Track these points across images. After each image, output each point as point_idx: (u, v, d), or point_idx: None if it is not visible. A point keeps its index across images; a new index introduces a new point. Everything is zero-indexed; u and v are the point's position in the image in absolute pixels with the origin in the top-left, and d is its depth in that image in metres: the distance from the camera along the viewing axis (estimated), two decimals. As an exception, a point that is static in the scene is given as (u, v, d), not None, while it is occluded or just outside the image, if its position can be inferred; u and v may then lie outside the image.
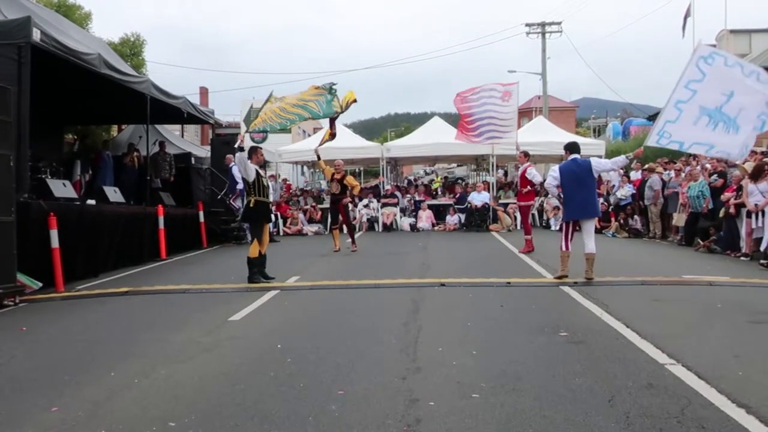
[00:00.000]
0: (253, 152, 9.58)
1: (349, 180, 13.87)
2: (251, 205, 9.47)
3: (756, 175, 11.21)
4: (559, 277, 8.87)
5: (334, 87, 10.68)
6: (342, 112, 10.99)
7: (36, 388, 4.67)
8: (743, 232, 11.74)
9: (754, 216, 11.20)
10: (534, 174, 13.00)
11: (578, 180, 8.98)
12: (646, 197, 15.82)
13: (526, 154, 13.41)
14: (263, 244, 9.56)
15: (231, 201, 16.12)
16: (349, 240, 13.70)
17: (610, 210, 17.62)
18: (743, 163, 12.25)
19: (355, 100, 11.10)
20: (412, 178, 40.75)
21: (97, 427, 3.83)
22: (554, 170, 9.31)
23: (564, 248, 9.01)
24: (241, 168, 9.45)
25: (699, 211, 13.34)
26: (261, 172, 9.62)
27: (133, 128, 18.17)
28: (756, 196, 11.15)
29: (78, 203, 11.22)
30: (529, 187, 13.14)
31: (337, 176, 13.46)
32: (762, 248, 10.80)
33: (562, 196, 9.32)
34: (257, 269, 9.38)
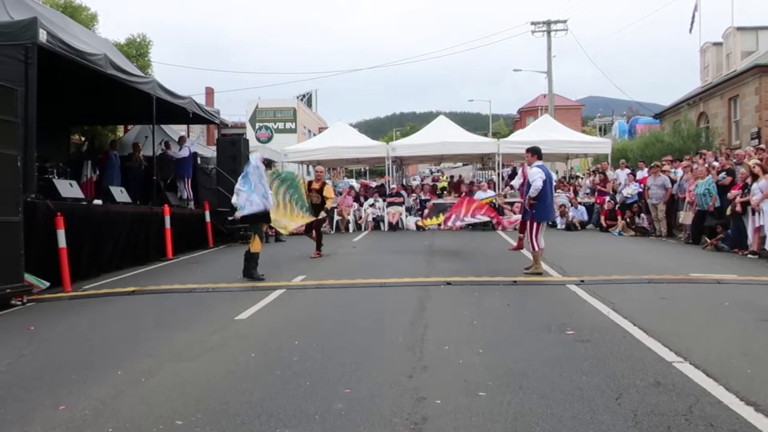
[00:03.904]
0: (269, 165, 9.81)
1: (327, 191, 12.49)
2: None
3: None
4: (539, 273, 9.24)
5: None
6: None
7: (43, 386, 4.69)
8: (750, 230, 11.69)
9: (757, 214, 11.18)
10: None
11: (551, 184, 9.62)
12: (656, 196, 15.69)
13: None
14: (255, 243, 9.71)
15: (185, 188, 16.18)
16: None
17: (616, 208, 17.57)
18: (748, 160, 12.20)
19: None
20: (418, 177, 40.71)
21: (104, 425, 3.84)
22: (540, 172, 9.43)
23: (539, 247, 9.43)
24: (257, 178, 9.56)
25: (706, 209, 13.29)
26: None
27: (139, 128, 18.23)
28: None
29: (85, 203, 11.26)
30: (512, 184, 13.03)
31: (316, 185, 12.38)
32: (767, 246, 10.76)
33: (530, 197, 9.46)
34: (254, 264, 9.47)
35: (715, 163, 14.31)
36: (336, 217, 19.40)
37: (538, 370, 4.69)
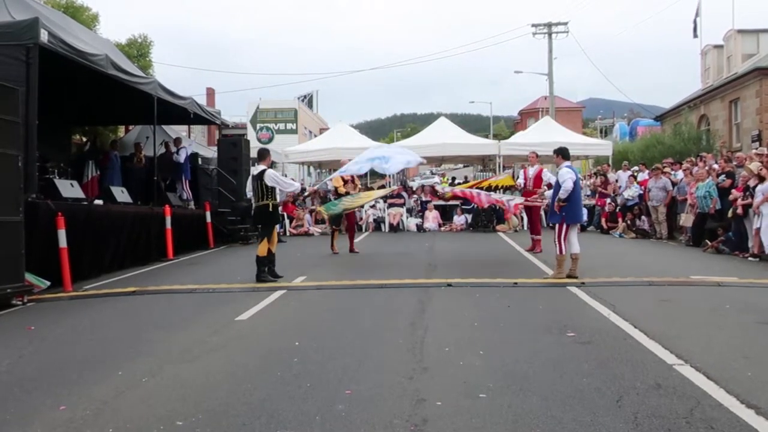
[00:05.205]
0: (267, 154, 9.76)
1: (357, 182, 13.70)
2: (270, 209, 9.57)
3: None
4: (569, 276, 8.94)
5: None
6: None
7: (44, 387, 4.69)
8: (751, 232, 11.68)
9: (757, 216, 11.19)
10: (550, 176, 12.71)
11: (578, 185, 9.27)
12: (656, 198, 15.69)
13: (537, 155, 13.40)
14: (273, 243, 9.63)
15: (184, 189, 16.15)
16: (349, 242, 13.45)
17: (617, 210, 17.58)
18: (749, 164, 12.20)
19: None
20: (418, 179, 40.68)
21: (104, 425, 3.84)
22: (570, 171, 9.10)
23: (565, 251, 9.07)
24: (274, 181, 9.58)
25: (706, 211, 13.28)
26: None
27: (139, 129, 18.23)
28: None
29: (85, 203, 11.26)
30: (545, 187, 12.96)
31: (348, 176, 13.11)
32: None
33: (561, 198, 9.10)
34: (267, 268, 9.43)
35: (715, 166, 14.31)
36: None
37: (538, 372, 4.69)
